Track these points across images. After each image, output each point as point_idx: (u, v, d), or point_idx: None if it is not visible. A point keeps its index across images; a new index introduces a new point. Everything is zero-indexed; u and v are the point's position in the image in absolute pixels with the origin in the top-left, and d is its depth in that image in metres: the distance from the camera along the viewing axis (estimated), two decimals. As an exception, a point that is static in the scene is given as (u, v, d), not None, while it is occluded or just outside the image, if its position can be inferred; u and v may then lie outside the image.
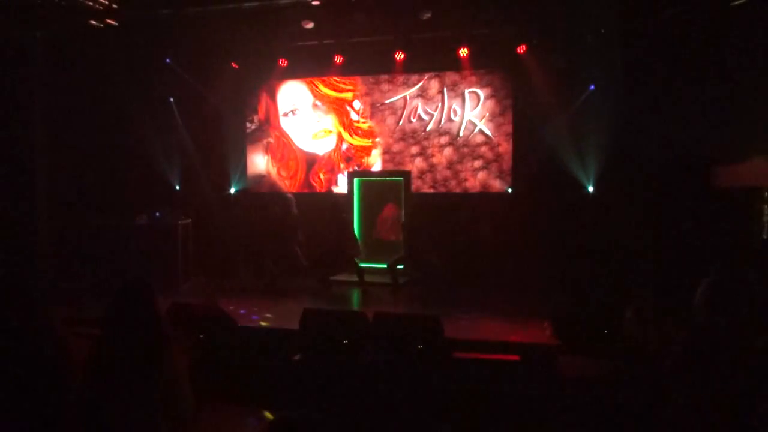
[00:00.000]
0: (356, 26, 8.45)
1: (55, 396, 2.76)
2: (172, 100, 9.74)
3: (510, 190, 9.16)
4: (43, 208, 8.71)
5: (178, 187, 9.88)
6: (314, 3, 7.76)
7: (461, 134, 9.45)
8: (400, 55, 9.18)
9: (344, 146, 10.05)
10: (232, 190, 10.23)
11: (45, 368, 2.79)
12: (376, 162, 9.89)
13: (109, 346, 2.83)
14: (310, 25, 8.34)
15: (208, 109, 9.79)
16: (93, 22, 8.37)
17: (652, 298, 6.86)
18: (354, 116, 9.98)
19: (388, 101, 9.79)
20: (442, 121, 9.54)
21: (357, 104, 9.96)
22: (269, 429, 1.49)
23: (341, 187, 9.95)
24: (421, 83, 9.62)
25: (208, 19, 8.16)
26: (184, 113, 9.80)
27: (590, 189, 8.48)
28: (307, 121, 10.21)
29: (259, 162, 10.48)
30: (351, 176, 9.80)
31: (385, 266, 8.40)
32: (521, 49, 8.74)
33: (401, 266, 8.36)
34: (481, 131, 9.36)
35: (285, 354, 5.69)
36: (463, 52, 8.90)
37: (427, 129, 9.61)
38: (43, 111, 8.69)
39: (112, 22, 8.43)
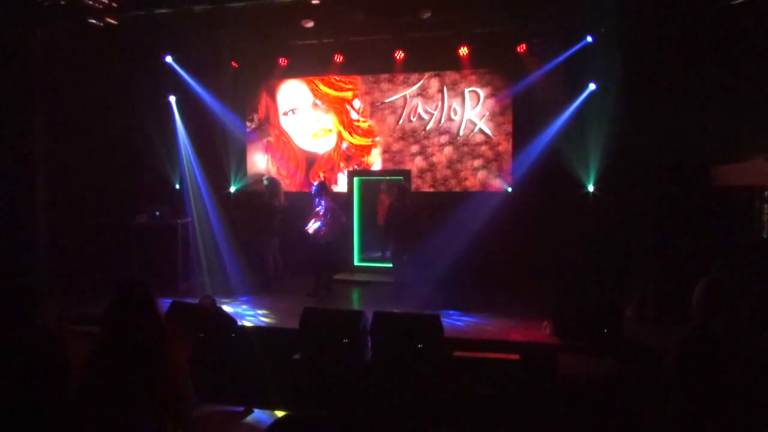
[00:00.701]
0: (356, 25, 8.45)
1: (53, 395, 2.77)
2: (172, 99, 9.74)
3: (510, 190, 9.16)
4: (43, 208, 8.70)
5: (178, 187, 9.87)
6: (314, 2, 7.75)
7: (461, 133, 9.45)
8: (400, 54, 9.19)
9: (344, 145, 10.04)
10: (232, 190, 10.22)
11: (44, 367, 2.79)
12: (376, 161, 9.89)
13: (110, 344, 2.83)
14: (310, 24, 8.34)
15: (208, 108, 9.78)
16: (93, 21, 8.36)
17: (652, 298, 6.87)
18: (354, 115, 9.98)
19: (388, 100, 9.78)
20: (442, 120, 9.53)
21: (357, 103, 9.95)
22: (270, 429, 1.49)
23: (341, 186, 9.95)
24: (421, 82, 9.61)
25: (208, 18, 8.16)
26: (184, 113, 9.79)
27: (590, 189, 8.47)
28: (306, 120, 10.21)
29: (259, 161, 10.47)
30: (351, 175, 9.79)
31: (388, 266, 8.39)
32: (521, 48, 8.74)
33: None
34: (481, 130, 9.36)
35: (285, 353, 5.69)
36: (463, 51, 8.90)
37: (427, 128, 9.60)
38: (43, 110, 8.68)
39: (112, 21, 8.43)
